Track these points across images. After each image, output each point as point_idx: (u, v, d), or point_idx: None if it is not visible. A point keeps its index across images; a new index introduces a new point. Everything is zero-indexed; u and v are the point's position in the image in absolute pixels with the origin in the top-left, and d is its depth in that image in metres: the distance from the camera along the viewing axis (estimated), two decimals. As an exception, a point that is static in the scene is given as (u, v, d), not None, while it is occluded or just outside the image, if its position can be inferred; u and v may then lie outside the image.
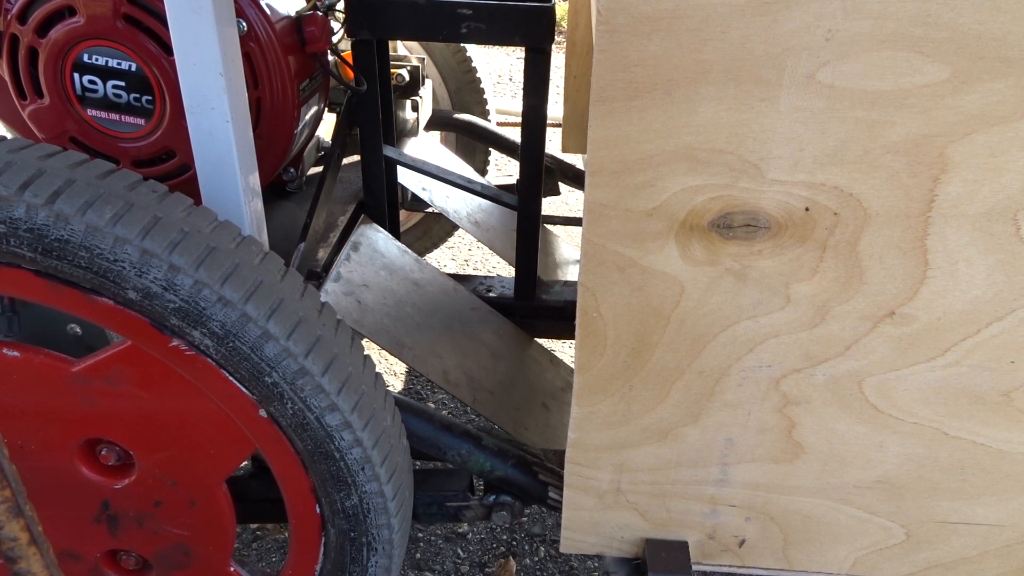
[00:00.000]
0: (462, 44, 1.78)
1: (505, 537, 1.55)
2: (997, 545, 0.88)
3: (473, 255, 2.42)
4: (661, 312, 0.75)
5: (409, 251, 1.32)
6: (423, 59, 1.55)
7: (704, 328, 0.76)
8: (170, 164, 1.06)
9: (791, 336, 0.76)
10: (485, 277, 1.48)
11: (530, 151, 1.24)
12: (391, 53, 1.45)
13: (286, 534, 1.48)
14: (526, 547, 1.54)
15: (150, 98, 1.01)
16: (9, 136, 1.14)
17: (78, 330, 0.91)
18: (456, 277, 1.43)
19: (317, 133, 1.30)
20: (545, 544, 1.54)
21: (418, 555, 1.51)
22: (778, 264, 0.72)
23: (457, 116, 1.78)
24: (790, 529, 0.90)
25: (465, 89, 1.83)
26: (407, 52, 1.72)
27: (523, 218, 1.31)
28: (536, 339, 1.47)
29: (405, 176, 1.45)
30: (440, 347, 1.23)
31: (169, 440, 0.86)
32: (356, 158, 1.39)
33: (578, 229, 2.05)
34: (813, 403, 0.80)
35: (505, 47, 3.93)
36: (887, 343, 0.76)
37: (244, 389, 0.81)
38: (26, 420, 0.86)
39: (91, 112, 1.03)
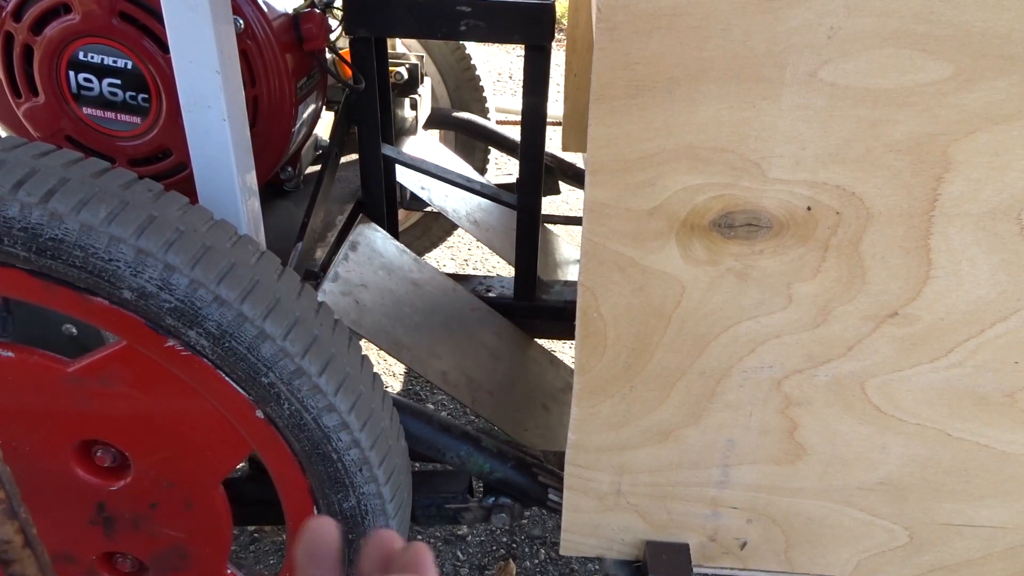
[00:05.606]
0: (461, 42, 1.77)
1: (505, 539, 1.55)
2: (1001, 547, 0.88)
3: (472, 255, 2.41)
4: (662, 312, 0.75)
5: (408, 251, 1.32)
6: (422, 57, 1.54)
7: (705, 328, 0.75)
8: (166, 163, 1.05)
9: (793, 336, 0.75)
10: (484, 277, 1.47)
11: (530, 150, 1.24)
12: (389, 51, 1.45)
13: (284, 536, 1.47)
14: (526, 549, 1.53)
15: (146, 96, 1.00)
16: (4, 134, 1.13)
17: (73, 330, 0.91)
18: (455, 277, 1.42)
19: (315, 132, 1.29)
20: (545, 546, 1.54)
21: (417, 556, 1.50)
22: (780, 264, 0.71)
23: (456, 114, 1.77)
24: (792, 531, 0.89)
25: (464, 87, 1.82)
26: (406, 50, 1.71)
27: (523, 217, 1.31)
28: (536, 339, 1.46)
29: (404, 175, 1.44)
30: (439, 347, 1.22)
31: (165, 441, 0.85)
32: (354, 157, 1.38)
33: (578, 228, 2.05)
34: (815, 404, 0.79)
35: (505, 45, 3.93)
36: (890, 344, 0.75)
37: (240, 390, 0.80)
38: (21, 421, 0.85)
39: (87, 110, 1.02)
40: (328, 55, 1.18)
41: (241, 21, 1.01)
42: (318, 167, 1.25)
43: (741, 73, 0.63)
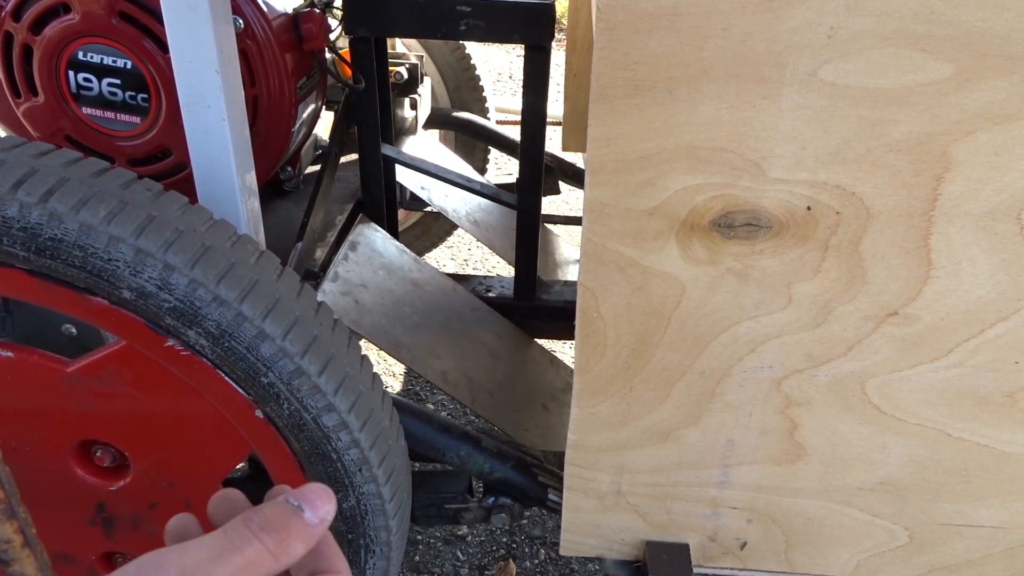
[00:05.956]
0: (461, 42, 1.77)
1: (505, 539, 1.55)
2: (1001, 548, 0.87)
3: (472, 255, 2.41)
4: (662, 312, 0.75)
5: (408, 251, 1.32)
6: (422, 57, 1.54)
7: (705, 328, 0.75)
8: (166, 163, 1.05)
9: (793, 336, 0.75)
10: (484, 277, 1.47)
11: (530, 149, 1.23)
12: (389, 51, 1.45)
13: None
14: (526, 549, 1.53)
15: (146, 96, 1.00)
16: (4, 134, 1.13)
17: (73, 330, 0.91)
18: (455, 277, 1.42)
19: (315, 131, 1.29)
20: (545, 546, 1.54)
21: (417, 558, 1.50)
22: (780, 264, 0.71)
23: (456, 114, 1.77)
24: (792, 531, 0.89)
25: (464, 87, 1.82)
26: (406, 50, 1.71)
27: (523, 217, 1.31)
28: (536, 339, 1.46)
29: (404, 175, 1.44)
30: (439, 347, 1.22)
31: (164, 441, 0.85)
32: (354, 157, 1.38)
33: (578, 228, 2.05)
34: (815, 404, 0.79)
35: (505, 44, 3.93)
36: (890, 344, 0.75)
37: (240, 389, 0.80)
38: (20, 421, 0.85)
39: (86, 110, 1.02)
40: (328, 55, 1.18)
41: (241, 21, 1.01)
42: (318, 167, 1.25)
43: (741, 73, 0.63)
